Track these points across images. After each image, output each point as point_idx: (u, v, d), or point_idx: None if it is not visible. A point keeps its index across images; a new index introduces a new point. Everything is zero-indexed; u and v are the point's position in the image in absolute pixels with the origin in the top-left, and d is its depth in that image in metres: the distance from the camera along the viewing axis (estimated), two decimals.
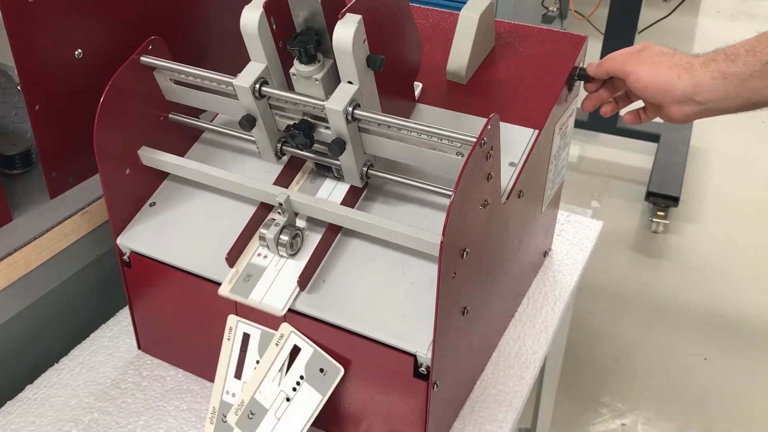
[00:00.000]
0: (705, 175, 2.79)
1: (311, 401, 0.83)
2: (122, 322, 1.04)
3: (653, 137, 2.77)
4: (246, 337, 0.86)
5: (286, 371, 0.83)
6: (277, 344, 0.83)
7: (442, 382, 0.81)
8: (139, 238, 0.91)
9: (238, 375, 0.86)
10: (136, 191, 0.92)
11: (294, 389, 0.83)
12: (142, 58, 0.87)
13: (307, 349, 0.83)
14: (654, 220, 2.50)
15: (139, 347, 1.01)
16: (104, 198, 0.88)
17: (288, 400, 0.83)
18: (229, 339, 0.87)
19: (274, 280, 0.83)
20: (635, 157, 2.86)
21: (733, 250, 2.43)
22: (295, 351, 0.83)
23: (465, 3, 0.96)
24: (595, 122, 2.77)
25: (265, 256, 0.85)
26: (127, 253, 0.92)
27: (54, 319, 1.01)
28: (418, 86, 0.96)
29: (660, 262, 2.39)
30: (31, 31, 0.87)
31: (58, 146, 0.95)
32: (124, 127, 0.88)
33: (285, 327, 0.83)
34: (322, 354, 0.83)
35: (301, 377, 0.83)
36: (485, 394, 0.95)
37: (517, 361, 1.00)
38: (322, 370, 0.83)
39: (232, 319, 0.87)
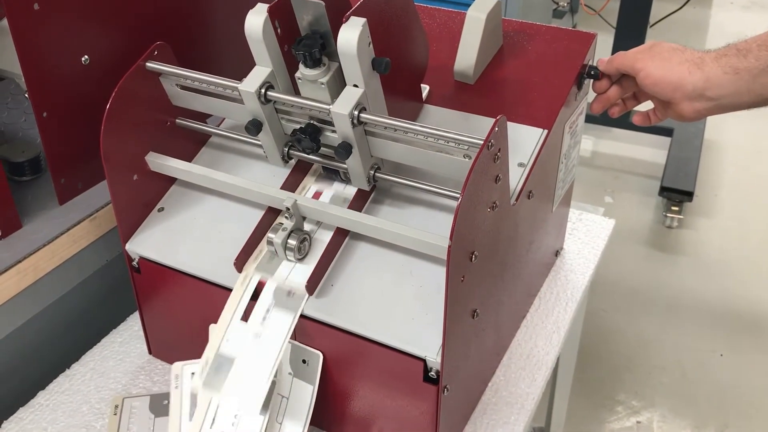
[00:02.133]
0: (719, 169, 2.76)
1: (305, 394, 0.83)
2: (133, 327, 1.04)
3: (667, 131, 2.75)
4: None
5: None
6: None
7: (453, 386, 0.80)
8: (148, 243, 0.91)
9: None
10: (144, 197, 0.92)
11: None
12: (148, 64, 0.87)
13: (285, 345, 0.83)
14: (668, 215, 2.48)
15: (150, 352, 1.01)
16: (112, 204, 0.88)
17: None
18: (176, 387, 0.89)
19: (245, 372, 0.82)
20: (648, 151, 2.84)
21: (748, 244, 2.40)
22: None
23: (472, 2, 0.95)
24: (607, 117, 2.73)
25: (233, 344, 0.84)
26: (136, 259, 0.92)
27: (64, 325, 1.01)
28: (425, 88, 0.96)
29: (674, 257, 2.37)
30: (37, 38, 0.87)
31: (66, 153, 0.95)
32: (130, 132, 0.87)
33: None
34: (299, 346, 0.83)
35: (290, 373, 0.84)
36: (497, 397, 0.94)
37: (529, 362, 0.99)
38: (305, 362, 0.83)
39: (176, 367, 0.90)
